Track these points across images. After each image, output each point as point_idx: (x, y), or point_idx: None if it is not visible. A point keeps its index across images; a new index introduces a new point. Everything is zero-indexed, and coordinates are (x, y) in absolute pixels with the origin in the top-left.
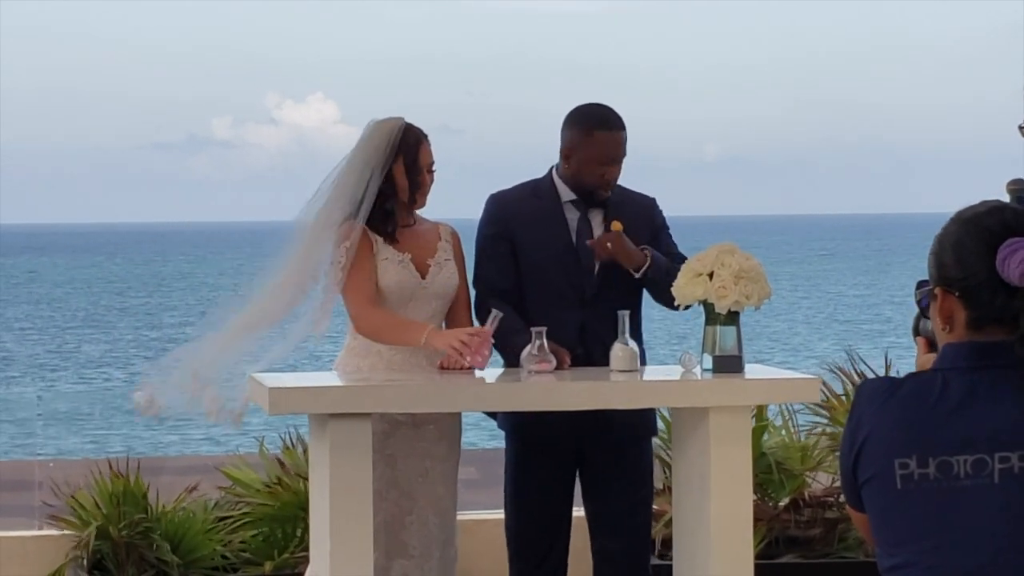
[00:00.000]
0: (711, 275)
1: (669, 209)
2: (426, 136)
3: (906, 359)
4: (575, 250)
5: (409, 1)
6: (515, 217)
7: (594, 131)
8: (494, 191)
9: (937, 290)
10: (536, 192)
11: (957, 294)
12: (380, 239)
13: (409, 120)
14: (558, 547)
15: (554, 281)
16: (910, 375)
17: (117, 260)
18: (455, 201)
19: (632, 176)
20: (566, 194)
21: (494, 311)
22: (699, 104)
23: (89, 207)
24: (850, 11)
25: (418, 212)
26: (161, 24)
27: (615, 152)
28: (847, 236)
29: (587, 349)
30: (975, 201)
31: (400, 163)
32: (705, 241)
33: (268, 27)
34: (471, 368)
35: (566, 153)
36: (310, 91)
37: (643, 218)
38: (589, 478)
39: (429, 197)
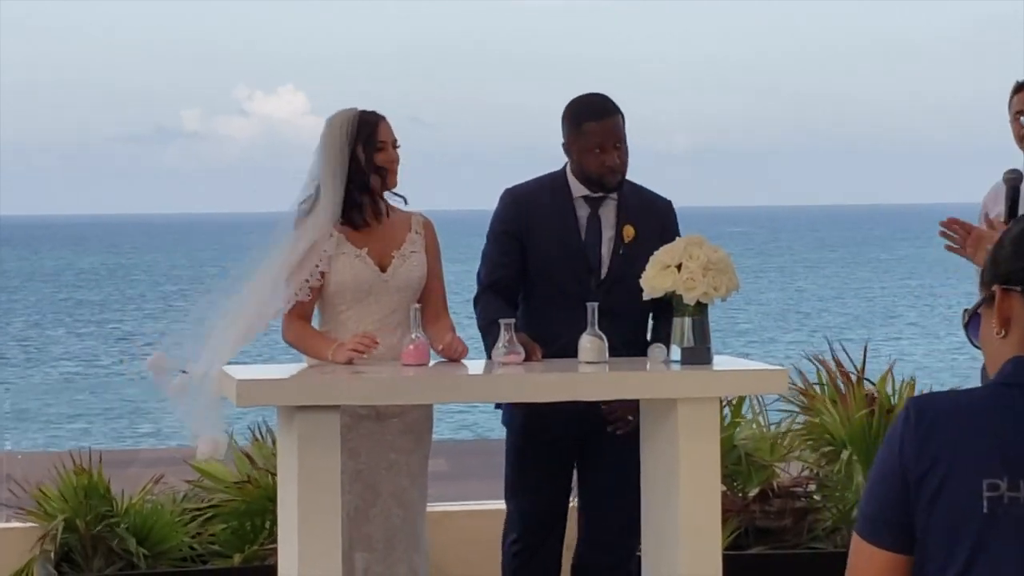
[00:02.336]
0: (679, 267)
1: None
2: (383, 116)
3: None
4: (583, 249)
5: None
6: (527, 214)
7: (583, 123)
8: (510, 185)
9: (996, 288)
10: (550, 188)
11: (1020, 289)
12: (336, 233)
13: (380, 110)
14: (554, 536)
15: (560, 279)
16: (967, 390)
17: (84, 252)
18: (426, 192)
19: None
20: (578, 189)
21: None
22: (668, 96)
23: (56, 199)
24: (820, 5)
25: (393, 203)
26: (129, 15)
27: (607, 139)
28: (815, 227)
29: (559, 344)
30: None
31: (360, 147)
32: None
33: (238, 18)
34: (456, 360)
35: (566, 148)
36: (280, 82)
37: (655, 222)
38: (583, 468)
39: (401, 187)
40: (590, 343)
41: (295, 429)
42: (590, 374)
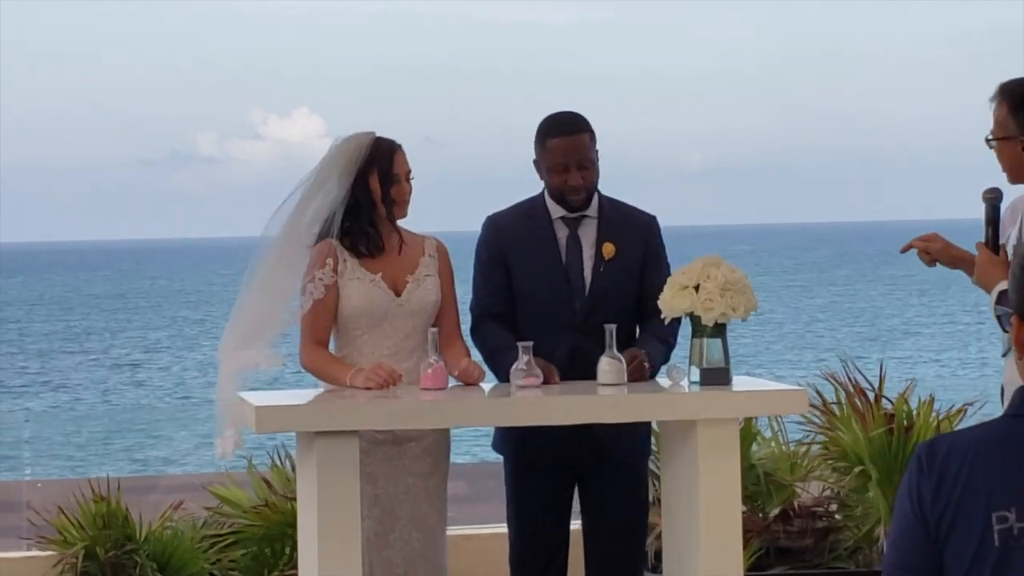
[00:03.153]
0: (697, 287)
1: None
2: (399, 145)
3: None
4: (565, 271)
5: (393, 16)
6: (508, 240)
7: (547, 140)
8: (492, 212)
9: (1014, 319)
10: (529, 212)
11: None
12: (350, 259)
13: (390, 132)
14: (558, 560)
15: (544, 303)
16: (976, 426)
17: (101, 277)
18: (438, 214)
19: (615, 186)
20: (555, 211)
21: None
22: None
23: (72, 225)
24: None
25: (404, 226)
26: (143, 40)
27: (570, 157)
28: (831, 244)
29: (579, 372)
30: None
31: (375, 175)
32: (690, 251)
33: (252, 43)
34: (473, 384)
35: (536, 166)
36: (295, 106)
37: (637, 239)
38: (586, 497)
39: (411, 209)
40: (608, 365)
41: (314, 454)
42: (609, 396)
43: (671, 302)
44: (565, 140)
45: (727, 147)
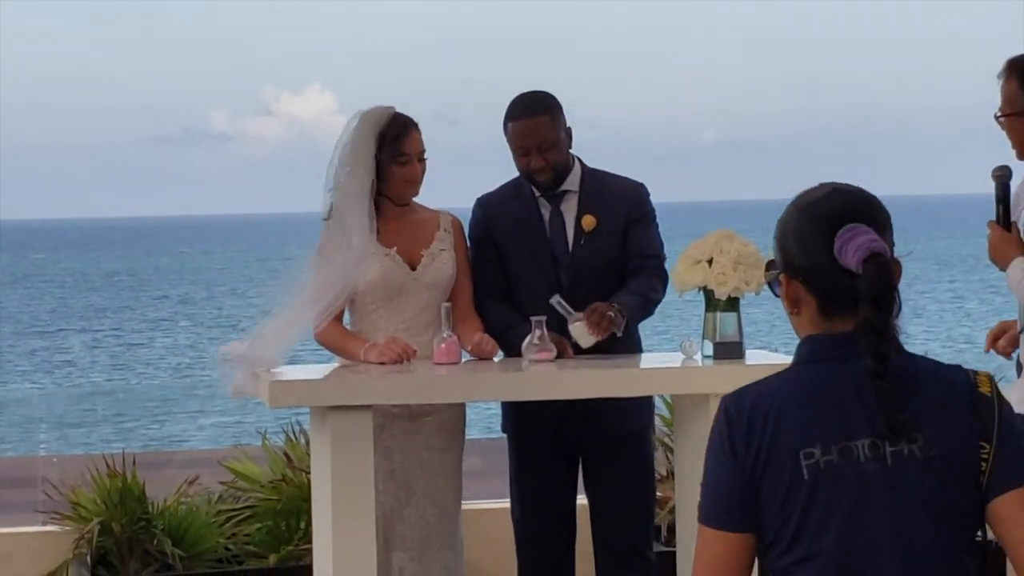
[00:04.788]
0: (710, 261)
1: (667, 195)
2: (415, 124)
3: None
4: (550, 248)
5: None
6: (496, 219)
7: (507, 124)
8: (480, 194)
9: (782, 276)
10: (515, 192)
11: (801, 279)
12: (367, 233)
13: (403, 109)
14: (563, 538)
15: (531, 278)
16: (773, 376)
17: (115, 255)
18: (452, 189)
19: (630, 162)
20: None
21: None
22: (697, 90)
23: (86, 202)
24: None
25: (417, 201)
26: (155, 17)
27: (526, 141)
28: None
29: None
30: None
31: (387, 152)
32: (704, 227)
33: (264, 19)
34: (486, 358)
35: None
36: (307, 82)
37: (619, 208)
38: (590, 471)
39: (424, 185)
40: (576, 329)
41: (328, 429)
42: (623, 371)
43: (684, 276)
44: (523, 123)
45: (740, 123)
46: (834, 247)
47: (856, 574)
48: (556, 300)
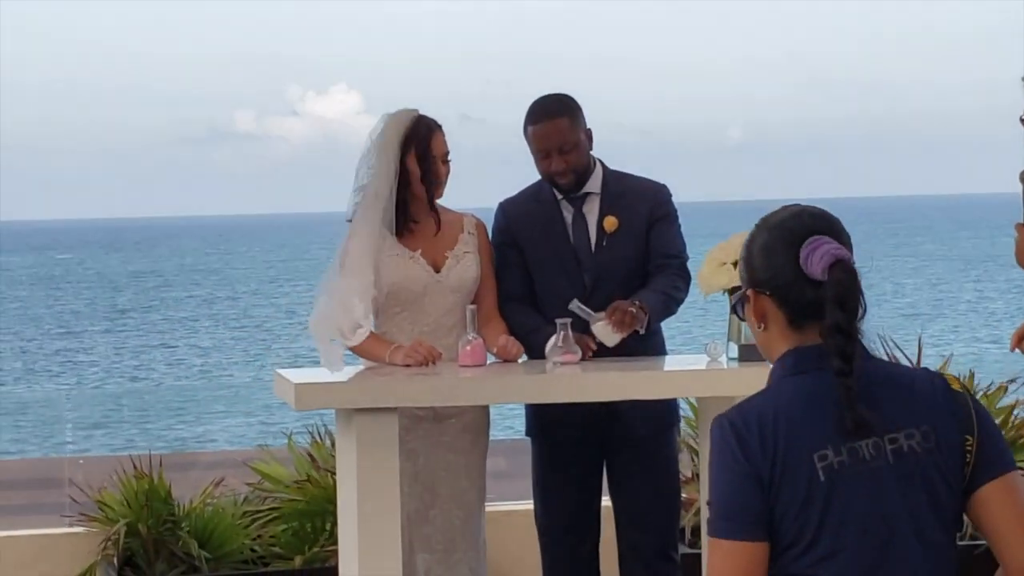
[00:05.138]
0: (735, 264)
1: (693, 194)
2: (439, 126)
3: (936, 345)
4: (573, 250)
5: None
6: (518, 224)
7: (527, 128)
8: (503, 199)
9: (749, 292)
10: (536, 196)
11: (768, 293)
12: (390, 236)
13: (428, 110)
14: (588, 540)
15: (554, 281)
16: (759, 394)
17: (140, 255)
18: (476, 190)
19: (655, 161)
20: (559, 192)
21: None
22: (722, 88)
23: (111, 203)
24: None
25: (441, 203)
26: (180, 18)
27: (546, 144)
28: (871, 219)
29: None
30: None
31: (412, 154)
32: (729, 227)
33: (290, 19)
34: (511, 361)
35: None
36: (333, 82)
37: (641, 208)
38: (614, 473)
39: (448, 187)
40: (600, 329)
41: (353, 431)
42: (648, 373)
43: (710, 279)
44: (542, 127)
45: (766, 122)
46: (800, 257)
47: (878, 568)
48: (575, 305)
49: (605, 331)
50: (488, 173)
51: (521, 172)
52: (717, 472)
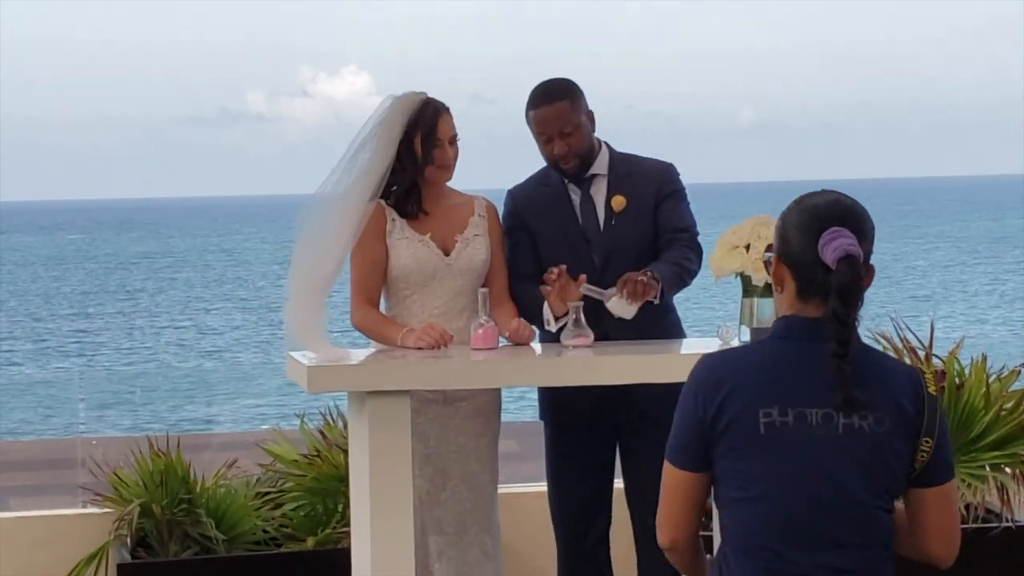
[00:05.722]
0: (747, 247)
1: (704, 176)
2: (447, 108)
3: (949, 327)
4: (583, 232)
5: None
6: (527, 208)
7: (528, 112)
8: (511, 186)
9: (773, 258)
10: (544, 180)
11: (788, 264)
12: (399, 219)
13: (439, 91)
14: (600, 521)
15: (565, 262)
16: (747, 346)
17: (151, 236)
18: (488, 171)
19: (666, 143)
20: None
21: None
22: (734, 71)
23: (122, 183)
24: None
25: (451, 186)
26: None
27: (548, 127)
28: (881, 201)
29: (601, 328)
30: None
31: (419, 137)
32: (741, 208)
33: (300, 1)
34: (523, 344)
35: None
36: (344, 63)
37: (649, 186)
38: (627, 456)
39: (460, 166)
40: (616, 303)
41: (366, 414)
42: (661, 356)
43: (721, 262)
44: (543, 110)
45: (777, 104)
46: (818, 244)
47: (790, 516)
48: (585, 288)
49: (620, 304)
50: (501, 154)
51: (535, 154)
52: (678, 409)
